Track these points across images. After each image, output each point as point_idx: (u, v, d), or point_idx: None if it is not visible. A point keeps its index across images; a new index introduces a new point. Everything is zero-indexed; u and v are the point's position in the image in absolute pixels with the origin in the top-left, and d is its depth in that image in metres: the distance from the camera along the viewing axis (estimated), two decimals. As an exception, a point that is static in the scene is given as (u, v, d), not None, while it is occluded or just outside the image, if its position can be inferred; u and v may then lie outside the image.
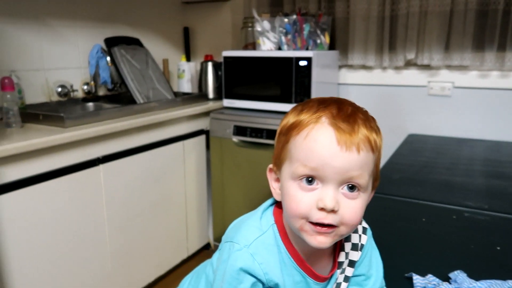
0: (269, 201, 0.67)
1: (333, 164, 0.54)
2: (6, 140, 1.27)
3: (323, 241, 0.57)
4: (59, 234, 1.45)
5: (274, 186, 0.64)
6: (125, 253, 1.74)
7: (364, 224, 0.69)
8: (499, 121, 1.99)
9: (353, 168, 0.54)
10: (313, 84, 1.93)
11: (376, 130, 0.59)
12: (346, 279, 0.67)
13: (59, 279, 1.47)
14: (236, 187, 2.12)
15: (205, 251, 2.28)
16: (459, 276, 0.78)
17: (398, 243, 0.96)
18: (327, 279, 0.66)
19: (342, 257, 0.67)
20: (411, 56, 2.08)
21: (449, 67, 2.05)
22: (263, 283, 0.60)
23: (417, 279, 0.78)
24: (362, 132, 0.56)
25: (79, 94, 2.01)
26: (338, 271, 0.67)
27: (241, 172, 2.08)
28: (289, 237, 0.63)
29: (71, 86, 1.95)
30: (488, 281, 0.76)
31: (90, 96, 2.04)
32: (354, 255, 0.67)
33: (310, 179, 0.56)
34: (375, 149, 0.57)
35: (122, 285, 1.75)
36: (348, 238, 0.67)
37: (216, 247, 0.75)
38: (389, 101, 2.23)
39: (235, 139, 2.06)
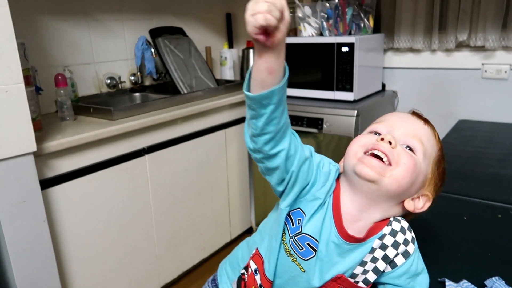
0: None
1: (403, 124, 0.67)
2: (60, 134, 1.38)
3: (370, 165, 0.61)
4: (110, 220, 1.56)
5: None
6: (171, 237, 1.84)
7: (413, 235, 0.68)
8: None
9: (416, 133, 0.65)
10: (355, 70, 1.88)
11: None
12: (376, 271, 0.65)
13: (110, 262, 1.59)
14: (277, 174, 2.13)
15: (247, 235, 2.34)
16: (496, 283, 0.75)
17: (434, 243, 0.93)
18: (352, 240, 0.64)
19: (376, 244, 0.65)
20: (463, 37, 1.95)
21: (506, 48, 1.90)
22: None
23: (449, 285, 0.76)
24: (432, 126, 0.70)
25: (127, 85, 2.11)
26: (369, 256, 0.65)
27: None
28: (340, 192, 0.66)
29: (119, 78, 2.05)
30: (528, 290, 0.73)
31: (137, 86, 2.13)
32: (392, 252, 0.65)
33: (380, 134, 0.66)
34: (437, 141, 0.69)
35: (168, 267, 1.86)
36: (393, 233, 0.65)
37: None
38: (438, 85, 2.12)
39: (276, 126, 2.06)
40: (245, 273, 0.75)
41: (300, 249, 0.65)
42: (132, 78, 2.11)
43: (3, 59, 1.11)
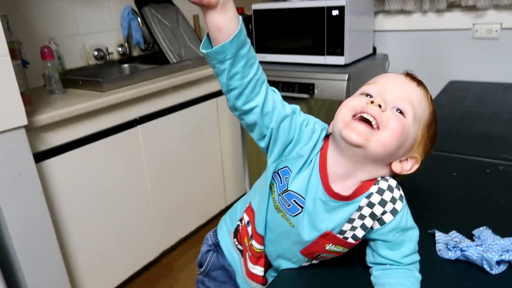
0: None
1: (395, 86, 0.66)
2: (51, 107, 1.36)
3: (356, 131, 0.61)
4: (106, 191, 1.57)
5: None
6: (167, 206, 1.87)
7: (401, 192, 0.68)
8: (551, 64, 1.84)
9: (407, 96, 0.65)
10: (346, 34, 1.86)
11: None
12: (364, 227, 0.67)
13: (109, 232, 1.62)
14: (271, 141, 2.15)
15: (244, 203, 2.38)
16: (483, 232, 0.78)
17: (425, 199, 0.96)
18: (337, 197, 0.66)
19: (363, 202, 0.66)
20: (454, -4, 1.92)
21: (497, 6, 1.88)
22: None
23: (439, 235, 0.79)
24: (425, 88, 0.68)
25: (115, 57, 2.07)
26: (357, 213, 0.67)
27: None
28: (327, 152, 0.67)
29: (107, 49, 2.01)
30: (514, 238, 0.75)
31: (125, 57, 2.09)
32: (379, 210, 0.66)
33: (371, 97, 0.65)
34: (430, 104, 0.67)
35: (165, 234, 1.90)
36: (380, 192, 0.66)
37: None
38: (430, 47, 2.11)
39: (268, 94, 2.06)
40: (240, 224, 0.81)
41: (288, 206, 0.68)
42: (120, 49, 2.07)
43: (-15, 30, 1.08)
